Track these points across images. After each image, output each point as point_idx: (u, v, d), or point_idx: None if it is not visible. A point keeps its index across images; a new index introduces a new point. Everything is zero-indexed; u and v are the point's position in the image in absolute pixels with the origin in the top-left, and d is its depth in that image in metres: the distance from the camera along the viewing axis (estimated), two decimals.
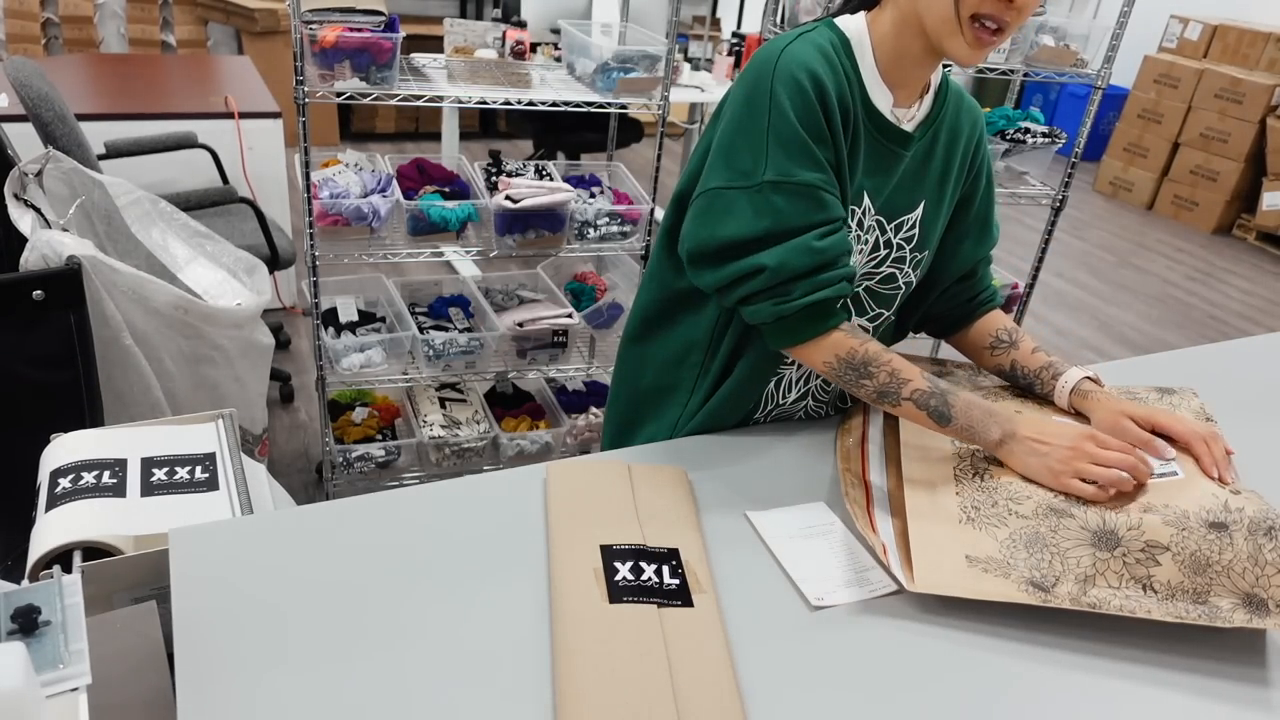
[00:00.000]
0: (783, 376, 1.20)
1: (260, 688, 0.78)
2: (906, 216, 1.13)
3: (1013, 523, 0.98)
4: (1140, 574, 0.92)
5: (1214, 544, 0.92)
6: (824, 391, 1.25)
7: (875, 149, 1.07)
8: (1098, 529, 0.95)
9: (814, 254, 1.00)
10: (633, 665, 0.80)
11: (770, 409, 1.24)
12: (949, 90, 1.15)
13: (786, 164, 0.99)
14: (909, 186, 1.12)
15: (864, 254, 1.12)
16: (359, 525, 0.98)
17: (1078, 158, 2.46)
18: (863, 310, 1.18)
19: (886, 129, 1.07)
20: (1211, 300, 4.48)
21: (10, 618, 0.71)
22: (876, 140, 1.07)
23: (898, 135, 1.08)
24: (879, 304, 1.18)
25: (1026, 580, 0.92)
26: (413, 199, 2.12)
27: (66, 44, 4.68)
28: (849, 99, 1.03)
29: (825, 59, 1.02)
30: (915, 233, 1.14)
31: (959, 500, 1.02)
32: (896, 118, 1.08)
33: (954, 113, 1.15)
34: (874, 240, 1.12)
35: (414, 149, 5.35)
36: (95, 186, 1.86)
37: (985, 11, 0.96)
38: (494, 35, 2.20)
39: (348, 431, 2.41)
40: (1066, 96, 6.33)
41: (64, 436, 1.09)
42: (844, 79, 1.03)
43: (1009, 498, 1.00)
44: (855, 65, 1.05)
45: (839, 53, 1.04)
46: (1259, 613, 0.89)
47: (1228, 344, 1.62)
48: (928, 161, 1.13)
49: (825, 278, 1.02)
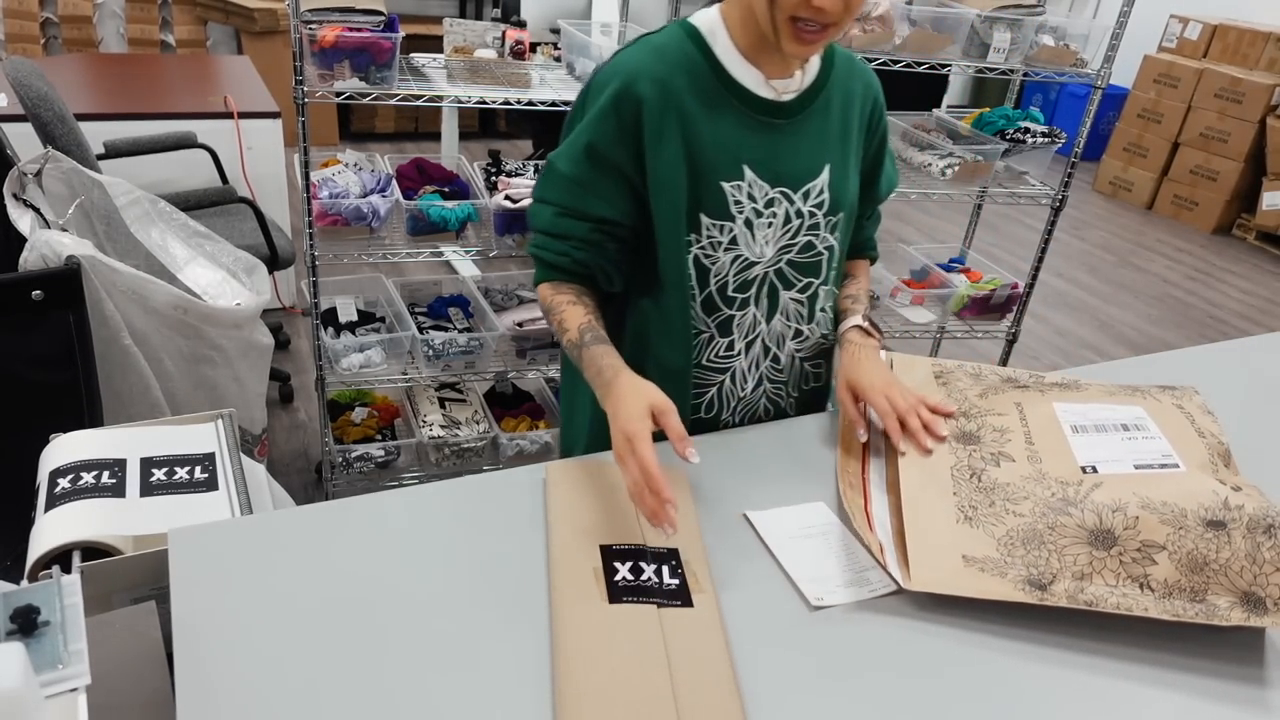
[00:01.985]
0: (733, 369, 1.22)
1: (260, 688, 0.78)
2: (812, 183, 1.16)
3: (1010, 521, 0.98)
4: (1137, 573, 0.92)
5: (1211, 542, 0.91)
6: (776, 372, 1.26)
7: (746, 123, 1.12)
8: (1094, 527, 0.95)
9: (548, 222, 1.15)
10: (632, 665, 0.80)
11: (735, 405, 1.25)
12: (836, 56, 1.19)
13: (568, 155, 1.13)
14: (808, 152, 1.15)
15: (775, 228, 1.15)
16: (359, 525, 0.98)
17: (1077, 157, 2.46)
18: (789, 284, 1.20)
19: (754, 102, 1.12)
20: (1211, 300, 4.47)
21: (10, 618, 0.70)
22: (746, 115, 1.12)
23: (768, 107, 1.12)
24: (804, 273, 1.20)
25: (1023, 579, 0.92)
26: (412, 199, 2.12)
27: (65, 44, 4.68)
28: (685, 84, 1.09)
29: (662, 56, 1.10)
30: (825, 197, 1.17)
31: (956, 500, 1.02)
32: (775, 90, 1.12)
33: (844, 76, 1.19)
34: (783, 213, 1.15)
35: (413, 149, 5.35)
36: (94, 186, 1.86)
37: (801, 15, 1.01)
38: (493, 35, 2.20)
39: (347, 431, 2.41)
40: (1066, 96, 6.33)
41: (63, 436, 1.09)
42: (687, 68, 1.10)
43: (1006, 499, 1.00)
44: (709, 52, 1.11)
45: (682, 43, 1.11)
46: (1257, 611, 0.89)
47: (1228, 344, 1.62)
48: (825, 125, 1.17)
49: (551, 242, 1.15)
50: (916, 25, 2.29)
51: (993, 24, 2.30)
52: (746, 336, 1.20)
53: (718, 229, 1.13)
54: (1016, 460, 1.05)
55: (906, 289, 2.61)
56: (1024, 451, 1.07)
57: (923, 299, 2.61)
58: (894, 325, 2.59)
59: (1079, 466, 1.04)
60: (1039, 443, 1.08)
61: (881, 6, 2.20)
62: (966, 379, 1.21)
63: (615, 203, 1.13)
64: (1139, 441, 1.07)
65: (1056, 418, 1.11)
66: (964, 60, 2.33)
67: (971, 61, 2.34)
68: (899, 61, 2.26)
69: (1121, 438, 1.08)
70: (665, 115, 1.09)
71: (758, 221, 1.14)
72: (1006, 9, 2.33)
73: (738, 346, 1.21)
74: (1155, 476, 1.00)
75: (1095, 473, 1.02)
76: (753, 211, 1.13)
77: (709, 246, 1.14)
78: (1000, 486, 1.02)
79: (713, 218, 1.12)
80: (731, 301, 1.18)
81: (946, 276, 2.70)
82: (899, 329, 2.59)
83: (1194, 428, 1.11)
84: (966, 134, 2.59)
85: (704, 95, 1.10)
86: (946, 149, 2.52)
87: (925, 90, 6.25)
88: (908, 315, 2.61)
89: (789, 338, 1.24)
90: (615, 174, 1.12)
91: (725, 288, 1.17)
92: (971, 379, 1.21)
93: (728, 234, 1.13)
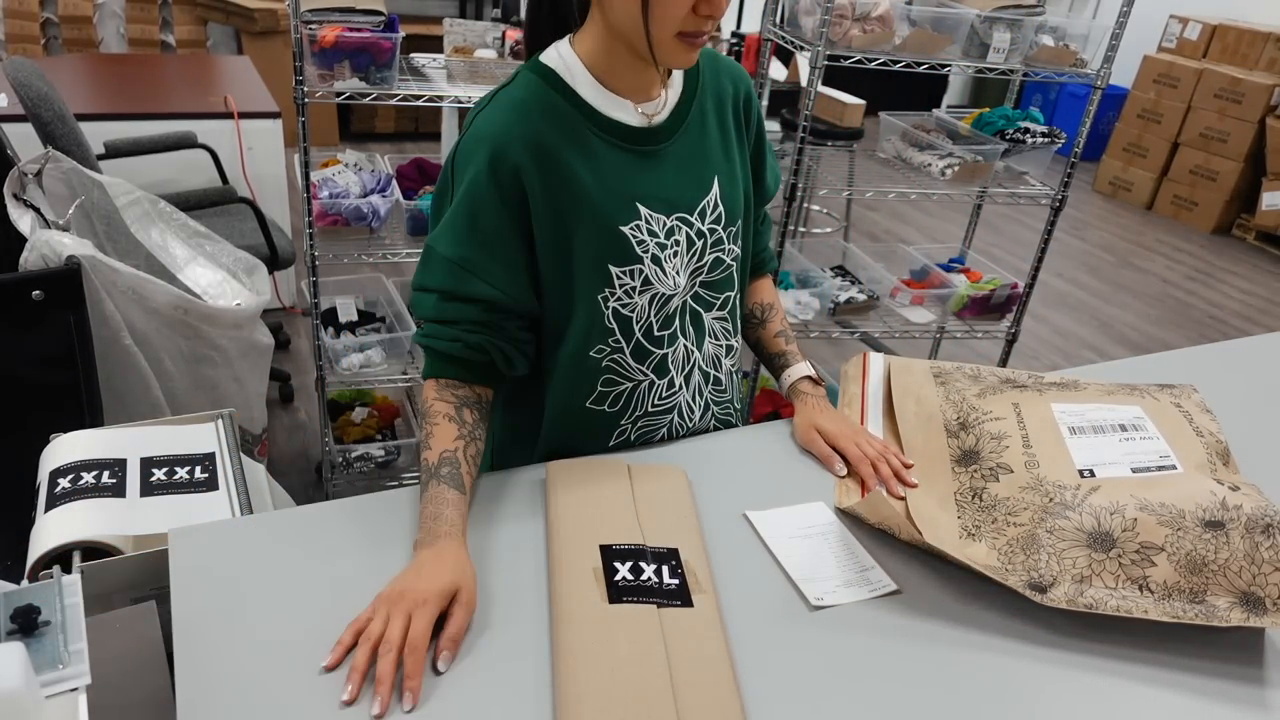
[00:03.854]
0: (677, 405, 1.17)
1: (260, 688, 0.78)
2: (705, 200, 1.10)
3: (1010, 532, 0.99)
4: (1136, 575, 0.92)
5: (1210, 543, 0.92)
6: (719, 393, 1.22)
7: (627, 160, 1.05)
8: (1093, 530, 0.95)
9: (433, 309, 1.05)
10: (632, 665, 0.80)
11: (685, 436, 1.21)
12: (700, 59, 1.12)
13: (446, 236, 1.04)
14: (694, 170, 1.10)
15: (681, 255, 1.10)
16: (359, 525, 0.98)
17: (1077, 158, 2.46)
18: (709, 305, 1.16)
19: (630, 135, 1.05)
20: (1211, 300, 4.48)
21: (10, 618, 0.70)
22: (624, 151, 1.05)
23: (645, 136, 1.06)
24: (720, 289, 1.16)
25: (1024, 584, 0.93)
26: (412, 199, 2.12)
27: (66, 44, 4.68)
28: (555, 137, 1.02)
29: (523, 112, 1.01)
30: (720, 210, 1.12)
31: (960, 523, 1.03)
32: (646, 116, 1.06)
33: (713, 78, 1.13)
34: (685, 238, 1.09)
35: (413, 149, 5.35)
36: (95, 186, 1.86)
37: (688, 29, 0.95)
38: (493, 35, 2.20)
39: (347, 431, 2.41)
40: (1066, 96, 6.33)
41: (63, 436, 1.09)
42: (551, 117, 1.02)
43: (1007, 512, 1.01)
44: (569, 92, 1.03)
45: (543, 92, 1.03)
46: (1256, 611, 0.89)
47: (1227, 344, 1.62)
48: (704, 137, 1.11)
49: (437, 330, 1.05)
50: (916, 25, 2.29)
51: (992, 24, 2.30)
52: (683, 370, 1.15)
53: (628, 274, 1.06)
54: (1015, 470, 1.06)
55: (906, 289, 2.61)
56: (1021, 458, 1.07)
57: (922, 299, 2.61)
58: (894, 325, 2.59)
59: (1076, 470, 1.04)
60: (1037, 447, 1.08)
61: (881, 6, 2.20)
62: (965, 380, 1.21)
63: (504, 281, 1.04)
64: (1136, 442, 1.08)
65: (1054, 419, 1.11)
66: (964, 60, 2.33)
67: (971, 61, 2.34)
68: (899, 61, 2.26)
69: (1119, 439, 1.08)
70: (547, 176, 1.01)
71: (664, 255, 1.08)
72: (1006, 9, 2.33)
73: (677, 383, 1.15)
74: (1152, 479, 1.00)
75: (1093, 476, 1.03)
76: (657, 246, 1.07)
77: (624, 294, 1.07)
78: (1000, 502, 1.03)
79: (620, 265, 1.05)
80: (660, 341, 1.12)
81: (946, 276, 2.70)
82: (899, 329, 2.59)
83: (1192, 427, 1.11)
84: (966, 134, 2.59)
85: (578, 143, 1.03)
86: (946, 149, 2.52)
87: (925, 90, 6.27)
88: (907, 315, 2.61)
89: (723, 356, 1.20)
90: (501, 249, 1.03)
91: (650, 330, 1.10)
92: (970, 380, 1.21)
93: (639, 276, 1.07)
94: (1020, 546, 0.96)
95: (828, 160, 3.86)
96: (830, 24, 2.12)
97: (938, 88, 6.62)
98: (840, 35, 2.19)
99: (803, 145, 2.28)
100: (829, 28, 2.13)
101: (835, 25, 2.16)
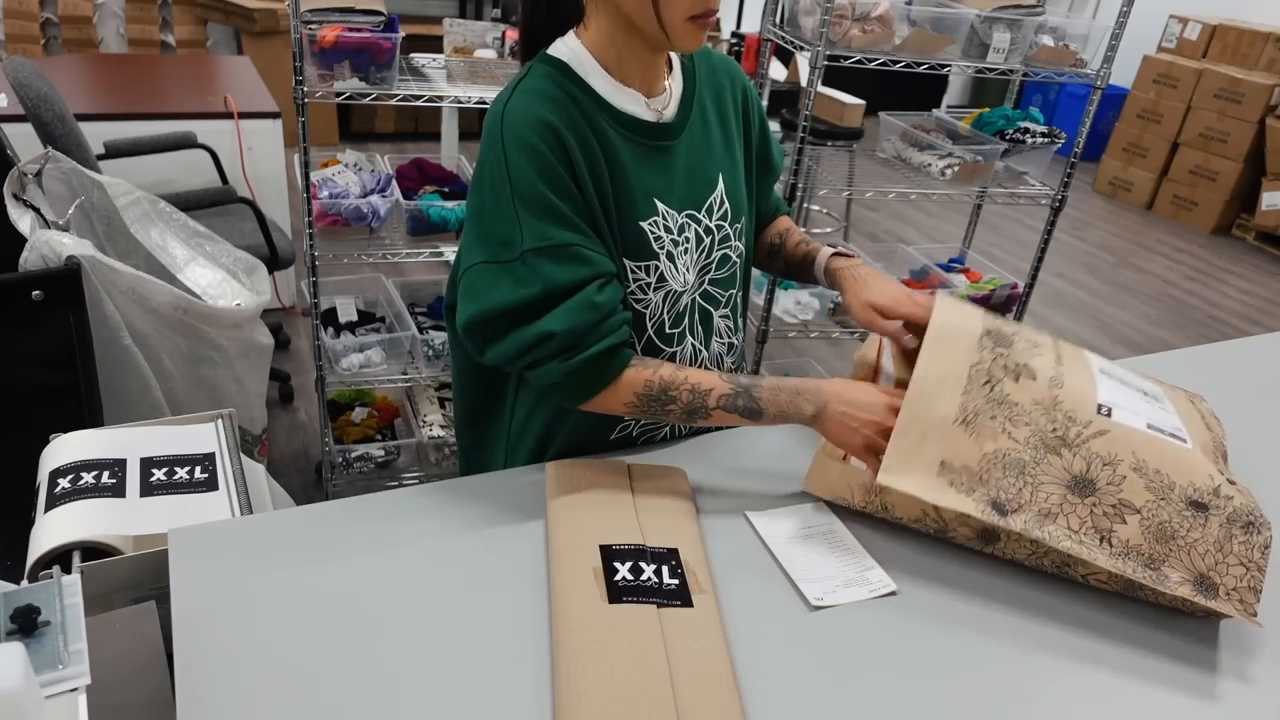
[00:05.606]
0: None
1: (260, 688, 0.78)
2: (712, 197, 1.11)
3: (1001, 442, 0.96)
4: (1104, 526, 0.92)
5: (1188, 520, 0.92)
6: None
7: (641, 153, 1.05)
8: (1079, 474, 0.94)
9: (596, 309, 0.99)
10: (632, 665, 0.80)
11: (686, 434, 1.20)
12: (694, 55, 1.14)
13: (542, 228, 0.97)
14: (701, 167, 1.10)
15: (691, 252, 1.10)
16: (359, 525, 0.98)
17: (1077, 158, 2.46)
18: (716, 302, 1.16)
19: (645, 129, 1.05)
20: (1211, 300, 4.48)
21: (10, 618, 0.70)
22: (640, 145, 1.05)
23: (657, 131, 1.06)
24: (726, 287, 1.17)
25: (989, 500, 0.92)
26: (412, 199, 2.12)
27: (66, 44, 4.68)
28: (584, 125, 1.00)
29: (549, 99, 0.99)
30: (726, 206, 1.13)
31: (962, 400, 0.99)
32: (656, 111, 1.06)
33: (708, 73, 1.14)
34: (695, 235, 1.10)
35: (413, 149, 5.35)
36: (94, 186, 1.86)
37: (697, 11, 0.96)
38: (493, 35, 2.20)
39: (347, 431, 2.41)
40: (1066, 96, 6.33)
41: (63, 436, 1.09)
42: (574, 107, 1.00)
43: (1008, 418, 0.98)
44: (584, 85, 1.02)
45: (560, 83, 1.01)
46: (1207, 593, 0.90)
47: (1227, 344, 1.62)
48: (706, 133, 1.12)
49: (608, 325, 1.00)
50: (916, 25, 2.29)
51: (992, 24, 2.30)
52: None
53: (644, 270, 1.06)
54: (1038, 378, 1.01)
55: None
56: (1049, 370, 1.02)
57: None
58: None
59: (1096, 403, 1.00)
60: (1067, 366, 1.04)
61: (881, 6, 2.20)
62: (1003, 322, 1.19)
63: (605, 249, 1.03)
64: (1156, 410, 1.05)
65: (1087, 359, 1.09)
66: (964, 60, 2.33)
67: (971, 62, 2.34)
68: (899, 61, 2.26)
69: (1143, 399, 1.06)
70: (587, 161, 1.00)
71: (676, 251, 1.08)
72: (1006, 9, 2.33)
73: None
74: (1160, 442, 0.98)
75: (1109, 416, 0.99)
76: (670, 243, 1.07)
77: (638, 290, 1.06)
78: (1008, 404, 0.99)
79: (637, 260, 1.05)
80: (670, 339, 1.12)
81: (946, 276, 2.70)
82: None
83: (1203, 421, 1.11)
84: (966, 134, 2.59)
85: (599, 135, 1.01)
86: (946, 149, 2.52)
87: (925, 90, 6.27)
88: None
89: (726, 355, 1.20)
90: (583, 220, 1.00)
91: (662, 327, 1.10)
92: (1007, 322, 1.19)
93: (655, 273, 1.07)
94: (1002, 465, 0.95)
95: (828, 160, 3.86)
96: (830, 24, 2.13)
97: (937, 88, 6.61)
98: (840, 35, 2.19)
99: (803, 145, 2.28)
100: (829, 28, 2.13)
101: (835, 25, 2.16)
